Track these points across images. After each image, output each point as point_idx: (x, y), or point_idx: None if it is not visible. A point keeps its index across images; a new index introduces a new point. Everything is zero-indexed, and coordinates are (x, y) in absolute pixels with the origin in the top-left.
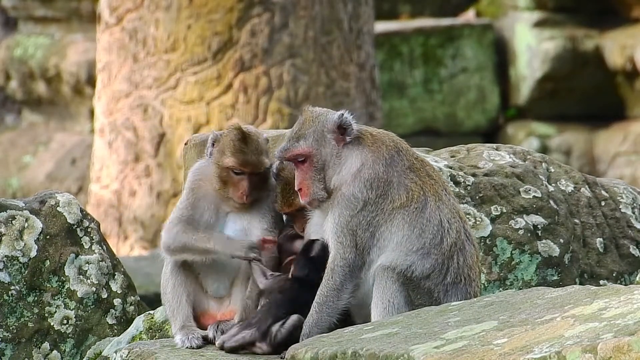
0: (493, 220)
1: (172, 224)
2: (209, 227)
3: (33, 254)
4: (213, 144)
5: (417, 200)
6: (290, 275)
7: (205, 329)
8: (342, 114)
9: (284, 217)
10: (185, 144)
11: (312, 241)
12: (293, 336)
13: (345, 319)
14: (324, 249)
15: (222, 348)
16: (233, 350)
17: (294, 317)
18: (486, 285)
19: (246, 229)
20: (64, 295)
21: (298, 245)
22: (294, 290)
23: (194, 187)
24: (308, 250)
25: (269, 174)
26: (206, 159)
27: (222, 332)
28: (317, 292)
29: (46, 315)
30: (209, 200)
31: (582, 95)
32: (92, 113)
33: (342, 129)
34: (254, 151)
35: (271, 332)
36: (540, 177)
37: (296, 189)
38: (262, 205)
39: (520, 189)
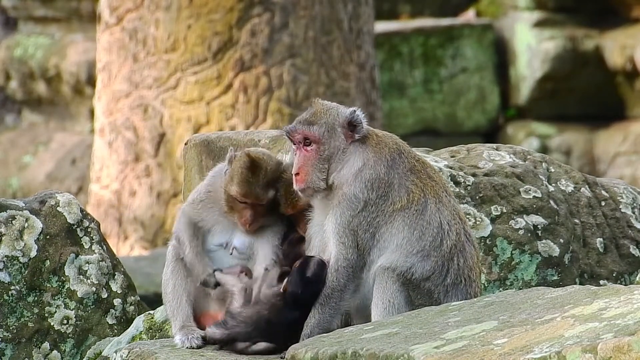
0: (493, 220)
1: (181, 212)
2: (218, 236)
3: (33, 254)
4: (229, 162)
5: (418, 202)
6: (282, 290)
7: (205, 329)
8: (355, 111)
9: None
10: (185, 144)
11: (310, 258)
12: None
13: (346, 319)
14: (322, 267)
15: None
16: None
17: (263, 345)
18: (486, 285)
19: (254, 243)
20: (64, 295)
21: (303, 249)
22: (283, 309)
23: (204, 198)
24: (304, 269)
25: (278, 202)
26: (223, 173)
27: None
28: (320, 293)
29: (46, 315)
30: (220, 211)
31: (582, 95)
32: (92, 113)
33: (352, 125)
34: (260, 183)
35: (236, 345)
36: (540, 177)
37: (293, 172)
38: (271, 226)
39: (520, 189)
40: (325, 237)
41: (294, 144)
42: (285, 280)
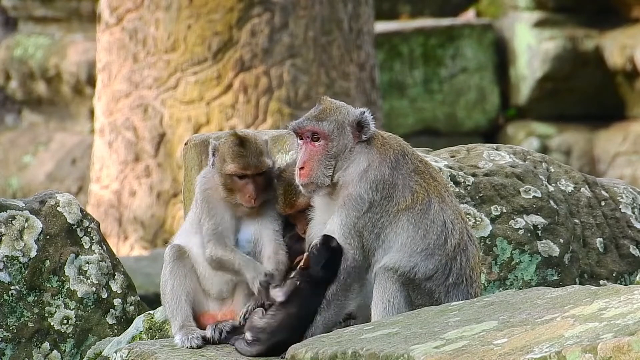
0: (493, 220)
1: (207, 237)
2: (226, 234)
3: (33, 254)
4: (214, 153)
5: (422, 202)
6: (300, 270)
7: (205, 329)
8: (364, 112)
9: None
10: (185, 144)
11: (327, 235)
12: None
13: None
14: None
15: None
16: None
17: None
18: (486, 285)
19: (257, 233)
20: (64, 295)
21: (304, 245)
22: (306, 297)
23: (204, 197)
24: (327, 242)
25: (273, 174)
26: (210, 168)
27: (220, 332)
28: (326, 292)
29: (46, 315)
30: (221, 207)
31: (582, 95)
32: (92, 113)
33: (360, 126)
34: (254, 153)
35: (278, 350)
36: (540, 177)
37: (297, 166)
38: (271, 207)
39: (520, 189)
40: None
41: (300, 139)
42: (305, 256)
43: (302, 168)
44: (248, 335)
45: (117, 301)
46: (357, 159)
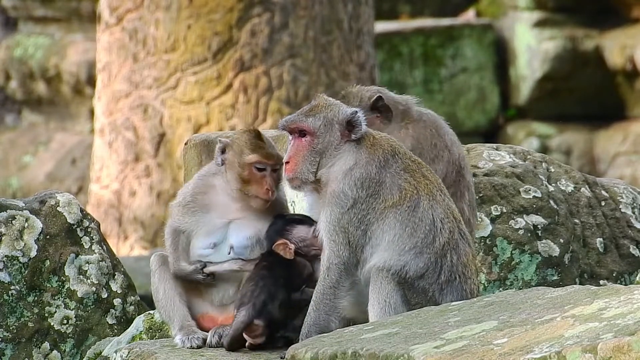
0: (493, 220)
1: (168, 225)
2: (205, 238)
3: (33, 254)
4: (223, 152)
5: (410, 200)
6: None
7: (206, 331)
8: (356, 112)
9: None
10: (185, 144)
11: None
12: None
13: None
14: (282, 218)
15: (226, 348)
16: (233, 343)
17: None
18: (486, 285)
19: (259, 236)
20: (64, 295)
21: (300, 230)
22: (271, 262)
23: (189, 201)
24: (272, 223)
25: (281, 174)
26: (215, 167)
27: (220, 337)
28: (314, 291)
29: (46, 315)
30: (213, 210)
31: (582, 95)
32: (92, 113)
33: (350, 125)
34: (272, 146)
35: (268, 311)
36: (540, 177)
37: (284, 160)
38: (271, 209)
39: (520, 189)
40: (319, 236)
41: (290, 135)
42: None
43: (287, 163)
44: (235, 311)
45: (117, 301)
46: (344, 157)
